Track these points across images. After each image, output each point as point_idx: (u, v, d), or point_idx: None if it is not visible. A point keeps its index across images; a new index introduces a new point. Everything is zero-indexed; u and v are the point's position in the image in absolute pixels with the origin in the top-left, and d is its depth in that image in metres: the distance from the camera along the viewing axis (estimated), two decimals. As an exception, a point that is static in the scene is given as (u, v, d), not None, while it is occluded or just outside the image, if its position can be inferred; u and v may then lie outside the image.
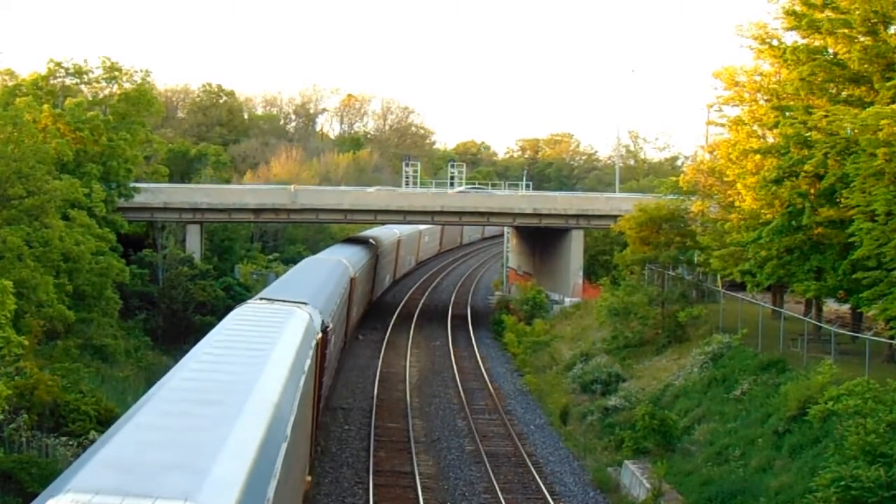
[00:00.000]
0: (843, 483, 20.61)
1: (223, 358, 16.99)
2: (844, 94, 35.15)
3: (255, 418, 13.28)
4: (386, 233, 75.38)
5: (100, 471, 9.77)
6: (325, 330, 27.08)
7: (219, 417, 12.61)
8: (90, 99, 57.02)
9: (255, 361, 16.91)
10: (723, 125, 43.65)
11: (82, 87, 58.33)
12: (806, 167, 32.53)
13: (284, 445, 14.46)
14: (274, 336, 20.20)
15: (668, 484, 26.79)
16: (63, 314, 37.68)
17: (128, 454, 10.50)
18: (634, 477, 28.29)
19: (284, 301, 26.43)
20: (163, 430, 11.68)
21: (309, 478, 25.75)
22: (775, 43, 37.84)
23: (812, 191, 33.57)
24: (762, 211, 36.11)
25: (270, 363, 17.17)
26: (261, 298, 28.11)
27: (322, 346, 26.50)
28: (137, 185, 56.56)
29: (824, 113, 32.10)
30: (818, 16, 34.82)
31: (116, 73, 57.58)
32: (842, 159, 31.20)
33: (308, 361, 21.15)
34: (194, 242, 60.04)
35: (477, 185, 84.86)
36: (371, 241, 65.22)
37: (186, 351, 19.90)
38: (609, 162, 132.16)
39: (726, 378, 33.29)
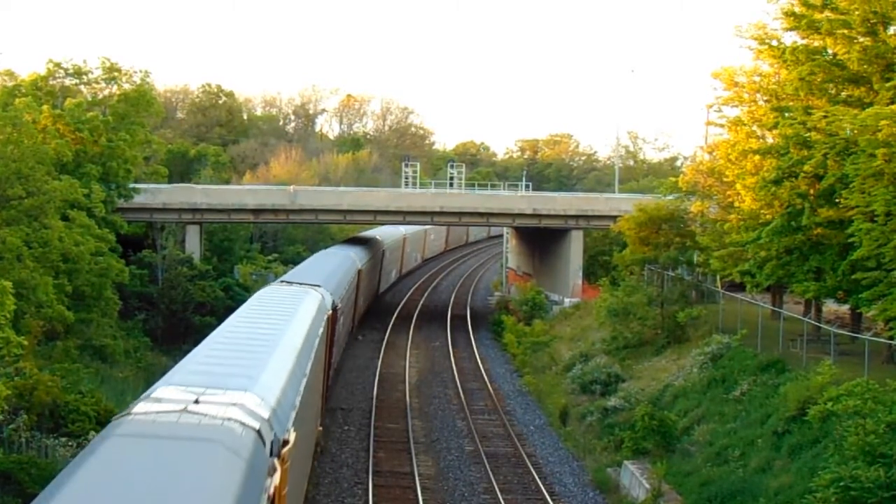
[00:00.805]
0: (842, 483, 20.60)
1: (255, 321, 22.03)
2: (844, 94, 35.16)
3: (284, 356, 18.44)
4: (392, 231, 78.59)
5: (187, 375, 14.81)
6: (334, 308, 32.16)
7: (259, 352, 17.65)
8: (90, 99, 57.00)
9: (280, 323, 21.95)
10: (722, 126, 43.70)
11: (82, 87, 58.33)
12: (805, 168, 32.52)
13: (304, 380, 19.34)
14: (294, 308, 24.99)
15: (667, 484, 26.80)
16: (62, 315, 37.68)
17: (202, 368, 15.54)
18: (634, 477, 28.29)
19: (301, 284, 31.73)
20: (222, 357, 16.78)
21: (320, 428, 30.83)
22: (775, 43, 37.84)
23: (811, 191, 33.57)
24: (762, 211, 36.12)
25: (292, 326, 22.12)
26: (281, 282, 34.04)
27: (332, 321, 31.60)
28: (137, 185, 56.54)
29: (824, 113, 32.10)
30: (817, 16, 34.82)
31: (116, 74, 57.57)
32: (841, 160, 31.20)
33: (321, 329, 26.17)
34: (194, 243, 60.02)
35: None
36: (377, 238, 69.79)
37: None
38: (608, 162, 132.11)
39: (726, 378, 33.28)
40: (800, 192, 33.54)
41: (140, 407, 12.71)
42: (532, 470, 30.60)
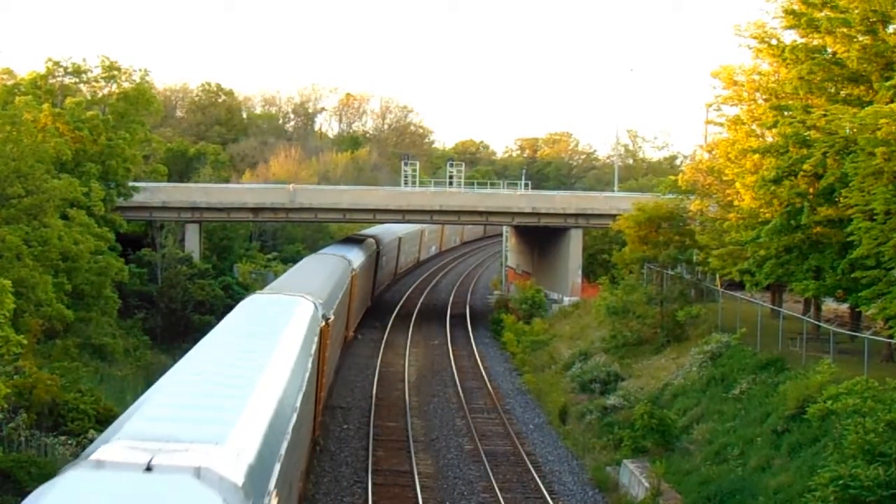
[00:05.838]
0: (841, 482, 20.59)
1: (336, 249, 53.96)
2: (843, 93, 35.10)
3: (358, 252, 54.60)
4: (413, 226, 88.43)
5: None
6: (378, 243, 60.04)
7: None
8: (89, 98, 56.98)
9: (344, 255, 49.18)
10: (721, 124, 43.63)
11: (81, 86, 58.30)
12: (805, 166, 32.47)
13: (355, 271, 48.69)
14: (352, 251, 53.25)
15: (666, 483, 26.78)
16: (62, 313, 37.66)
17: (282, 281, 37.20)
18: (633, 476, 28.28)
19: (361, 238, 61.43)
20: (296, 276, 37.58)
21: (351, 333, 51.35)
22: (774, 42, 37.77)
23: (811, 190, 33.52)
24: (761, 210, 36.06)
25: (353, 253, 51.79)
26: (337, 244, 61.76)
27: (376, 258, 62.24)
28: (136, 184, 56.54)
29: (823, 112, 32.06)
30: (817, 15, 34.78)
31: (115, 73, 57.56)
32: (840, 158, 31.17)
33: (363, 259, 54.06)
34: (193, 242, 60.00)
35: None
36: (393, 229, 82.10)
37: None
38: (608, 161, 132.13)
39: (725, 377, 33.27)
40: (799, 190, 33.49)
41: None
42: (531, 469, 30.60)
